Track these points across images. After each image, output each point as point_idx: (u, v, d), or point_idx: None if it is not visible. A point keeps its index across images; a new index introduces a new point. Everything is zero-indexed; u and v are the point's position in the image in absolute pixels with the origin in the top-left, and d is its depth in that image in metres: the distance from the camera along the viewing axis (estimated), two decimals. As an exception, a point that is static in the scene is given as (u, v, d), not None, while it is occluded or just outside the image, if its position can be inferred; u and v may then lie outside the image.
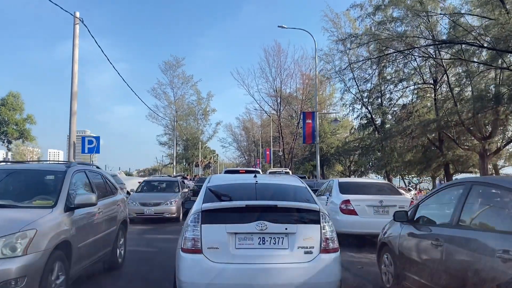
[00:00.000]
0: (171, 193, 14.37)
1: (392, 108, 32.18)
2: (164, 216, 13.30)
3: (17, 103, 28.90)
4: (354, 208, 9.14)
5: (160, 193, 14.56)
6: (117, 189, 7.33)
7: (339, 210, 9.24)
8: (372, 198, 9.35)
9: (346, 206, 9.23)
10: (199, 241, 4.17)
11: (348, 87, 32.91)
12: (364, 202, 9.19)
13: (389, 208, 8.93)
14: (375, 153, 33.84)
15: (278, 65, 53.70)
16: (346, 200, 9.27)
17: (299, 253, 4.20)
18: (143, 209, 13.22)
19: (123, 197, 7.65)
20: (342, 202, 9.28)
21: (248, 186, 5.04)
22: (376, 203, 9.15)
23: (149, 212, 13.22)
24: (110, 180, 7.11)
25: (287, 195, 4.94)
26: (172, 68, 60.02)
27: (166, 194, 14.29)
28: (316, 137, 20.96)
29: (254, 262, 4.12)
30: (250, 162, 78.44)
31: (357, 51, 32.21)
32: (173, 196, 13.95)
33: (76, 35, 12.26)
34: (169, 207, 13.43)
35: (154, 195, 14.28)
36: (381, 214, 9.07)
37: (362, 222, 9.04)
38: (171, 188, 15.20)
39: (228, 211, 4.39)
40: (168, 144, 58.56)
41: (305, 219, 4.39)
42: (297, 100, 53.48)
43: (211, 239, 4.18)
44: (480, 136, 20.52)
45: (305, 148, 53.75)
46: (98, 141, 13.84)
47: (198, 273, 4.10)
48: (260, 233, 4.20)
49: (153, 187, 15.55)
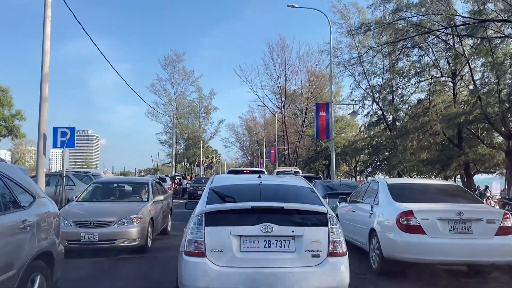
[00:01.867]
0: (134, 204, 8.78)
1: (404, 105, 30.42)
2: (115, 245, 7.71)
3: (6, 98, 27.19)
4: (420, 224, 6.17)
5: (113, 204, 8.97)
6: (34, 197, 4.41)
7: (395, 226, 6.35)
8: (445, 208, 6.49)
9: (408, 220, 6.25)
10: (202, 244, 4.05)
11: (358, 81, 31.08)
12: (434, 214, 6.24)
13: (472, 223, 6.12)
14: (385, 152, 32.06)
15: (283, 60, 52.00)
16: (408, 211, 6.30)
17: (306, 257, 4.09)
18: (80, 233, 7.58)
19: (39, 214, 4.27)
20: (402, 214, 6.33)
21: (252, 187, 4.92)
22: (452, 215, 6.18)
23: (90, 239, 7.59)
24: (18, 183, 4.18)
25: (292, 197, 4.82)
26: (172, 63, 57.08)
27: (124, 205, 8.73)
28: (331, 132, 18.90)
29: (259, 266, 4.01)
30: (253, 162, 76.86)
31: (368, 42, 30.52)
32: (134, 209, 8.27)
33: (48, 5, 10.35)
34: (125, 229, 7.79)
35: (101, 207, 8.70)
36: (460, 232, 6.11)
37: (433, 245, 6.04)
38: (137, 195, 9.60)
39: (232, 212, 4.24)
40: (169, 143, 56.40)
41: (312, 221, 4.26)
42: (302, 98, 51.78)
43: (215, 242, 4.06)
44: (507, 132, 18.73)
45: (310, 148, 52.20)
46: (72, 133, 11.37)
47: (201, 277, 3.98)
48: (265, 235, 4.09)
49: (107, 193, 9.62)
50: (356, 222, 8.03)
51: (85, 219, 7.80)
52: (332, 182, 13.32)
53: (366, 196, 8.12)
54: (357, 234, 7.89)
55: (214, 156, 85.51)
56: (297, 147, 50.54)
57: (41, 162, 10.66)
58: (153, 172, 43.73)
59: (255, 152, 77.96)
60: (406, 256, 6.20)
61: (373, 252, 6.92)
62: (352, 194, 9.12)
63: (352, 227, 8.16)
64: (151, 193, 9.28)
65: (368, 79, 30.68)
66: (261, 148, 67.43)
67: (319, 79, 50.12)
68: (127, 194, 9.88)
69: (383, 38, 24.59)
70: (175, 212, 12.35)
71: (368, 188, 8.31)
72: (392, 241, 6.34)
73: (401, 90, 29.13)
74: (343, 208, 9.22)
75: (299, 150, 51.24)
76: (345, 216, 8.87)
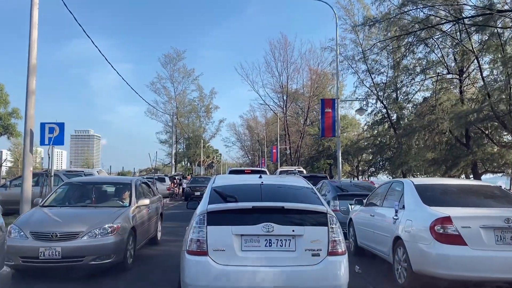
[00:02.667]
0: (111, 210, 7.08)
1: (409, 104, 29.76)
2: (83, 264, 6.04)
3: (1, 95, 26.54)
4: (459, 233, 5.11)
5: (86, 210, 7.35)
6: None
7: (429, 235, 5.26)
8: (490, 213, 5.41)
9: (444, 228, 5.18)
10: (204, 242, 4.11)
11: (362, 79, 30.42)
12: (476, 221, 5.18)
13: None
14: (389, 151, 31.38)
15: (285, 59, 51.36)
16: (445, 217, 5.22)
17: (306, 256, 4.14)
18: (38, 248, 5.91)
19: None
20: (437, 221, 5.25)
21: (253, 187, 4.93)
22: (499, 222, 5.13)
23: (50, 255, 5.91)
24: None
25: (293, 196, 4.85)
26: (172, 61, 56.38)
27: (99, 211, 7.10)
28: (337, 129, 18.10)
29: (260, 264, 4.07)
30: (254, 162, 76.22)
31: (372, 40, 29.87)
32: (110, 217, 6.65)
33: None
34: (96, 242, 6.16)
35: (70, 214, 7.08)
36: (509, 243, 5.07)
37: (476, 259, 5.02)
38: (117, 198, 7.99)
39: (234, 212, 4.30)
40: (169, 142, 55.54)
41: (313, 221, 4.30)
42: (304, 97, 51.13)
43: (216, 241, 4.12)
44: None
45: (312, 147, 51.54)
46: (61, 129, 10.45)
47: (203, 276, 4.04)
48: (266, 235, 4.15)
49: (81, 196, 8.03)
50: (375, 229, 7.03)
51: (46, 230, 6.07)
52: (341, 182, 12.00)
53: (388, 199, 7.08)
54: (377, 243, 6.94)
55: (215, 155, 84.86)
56: (299, 146, 49.88)
57: (27, 160, 9.96)
58: (153, 172, 42.95)
59: (256, 151, 77.30)
60: (442, 272, 5.16)
61: (399, 265, 5.95)
62: (369, 196, 8.08)
63: (370, 234, 7.25)
64: (133, 197, 7.65)
65: (372, 77, 30.04)
66: (262, 148, 66.72)
67: (321, 78, 49.50)
68: (105, 198, 8.10)
69: (388, 34, 23.95)
70: (172, 213, 11.33)
71: (389, 190, 7.24)
72: (424, 253, 5.32)
73: (405, 88, 28.54)
74: (358, 211, 8.21)
75: (301, 149, 50.58)
76: (361, 221, 7.88)
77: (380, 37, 27.69)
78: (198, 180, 28.08)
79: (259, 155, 70.39)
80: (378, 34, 27.78)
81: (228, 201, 4.41)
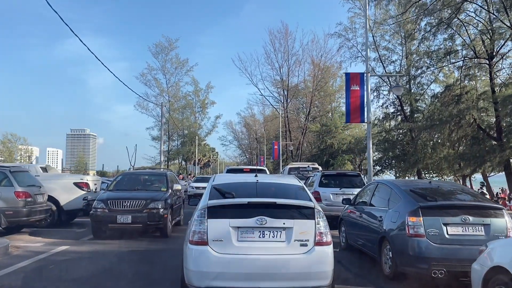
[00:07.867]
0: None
1: (423, 96, 27.01)
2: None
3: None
4: None
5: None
6: None
7: None
8: None
9: None
10: (205, 234, 4.50)
11: (373, 68, 27.59)
12: None
13: None
14: (400, 148, 28.58)
15: (286, 50, 48.14)
16: None
17: (296, 246, 4.50)
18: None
19: None
20: None
21: (249, 185, 5.32)
22: None
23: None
24: None
25: (285, 193, 5.18)
26: (164, 51, 51.78)
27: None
28: (368, 112, 13.66)
29: (254, 253, 4.43)
30: (251, 161, 73.17)
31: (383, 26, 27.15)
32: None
33: None
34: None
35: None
36: None
37: None
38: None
39: (231, 207, 4.68)
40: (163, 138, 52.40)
41: (301, 215, 4.66)
42: (305, 92, 48.17)
43: (216, 232, 4.50)
44: None
45: (313, 144, 48.73)
46: None
47: (204, 263, 4.42)
48: (260, 227, 4.52)
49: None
50: None
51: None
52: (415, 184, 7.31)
53: None
54: None
55: (212, 154, 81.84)
56: (300, 143, 46.90)
57: None
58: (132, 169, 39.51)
59: (254, 150, 74.35)
60: None
61: None
62: None
63: None
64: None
65: (384, 65, 27.22)
66: (261, 146, 63.69)
67: (324, 71, 46.63)
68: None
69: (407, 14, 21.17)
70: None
71: None
72: None
73: (419, 78, 25.78)
74: None
75: (302, 146, 47.71)
76: None
77: (391, 22, 24.98)
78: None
79: (257, 154, 67.32)
80: (392, 18, 25.06)
81: (226, 197, 4.83)
